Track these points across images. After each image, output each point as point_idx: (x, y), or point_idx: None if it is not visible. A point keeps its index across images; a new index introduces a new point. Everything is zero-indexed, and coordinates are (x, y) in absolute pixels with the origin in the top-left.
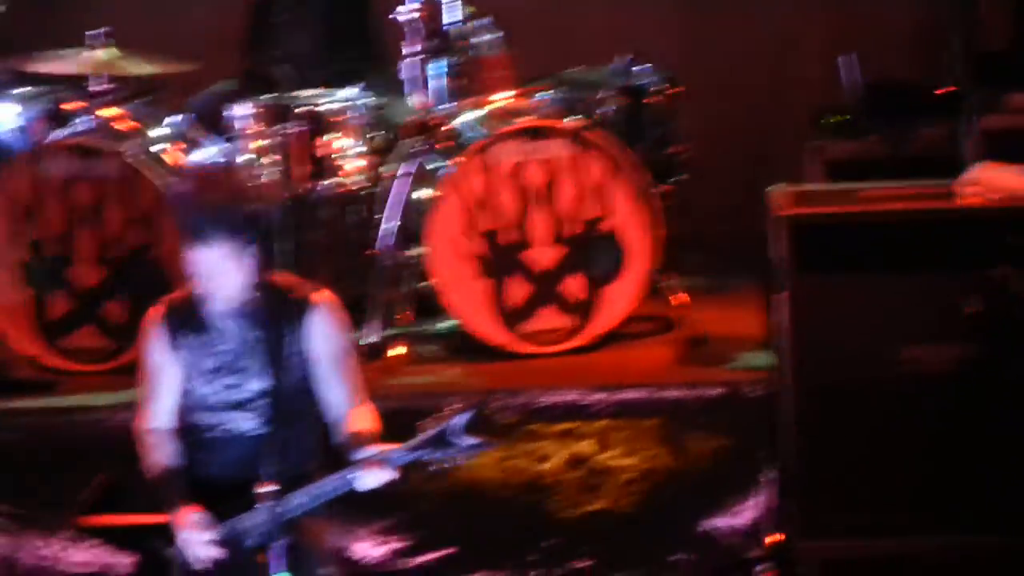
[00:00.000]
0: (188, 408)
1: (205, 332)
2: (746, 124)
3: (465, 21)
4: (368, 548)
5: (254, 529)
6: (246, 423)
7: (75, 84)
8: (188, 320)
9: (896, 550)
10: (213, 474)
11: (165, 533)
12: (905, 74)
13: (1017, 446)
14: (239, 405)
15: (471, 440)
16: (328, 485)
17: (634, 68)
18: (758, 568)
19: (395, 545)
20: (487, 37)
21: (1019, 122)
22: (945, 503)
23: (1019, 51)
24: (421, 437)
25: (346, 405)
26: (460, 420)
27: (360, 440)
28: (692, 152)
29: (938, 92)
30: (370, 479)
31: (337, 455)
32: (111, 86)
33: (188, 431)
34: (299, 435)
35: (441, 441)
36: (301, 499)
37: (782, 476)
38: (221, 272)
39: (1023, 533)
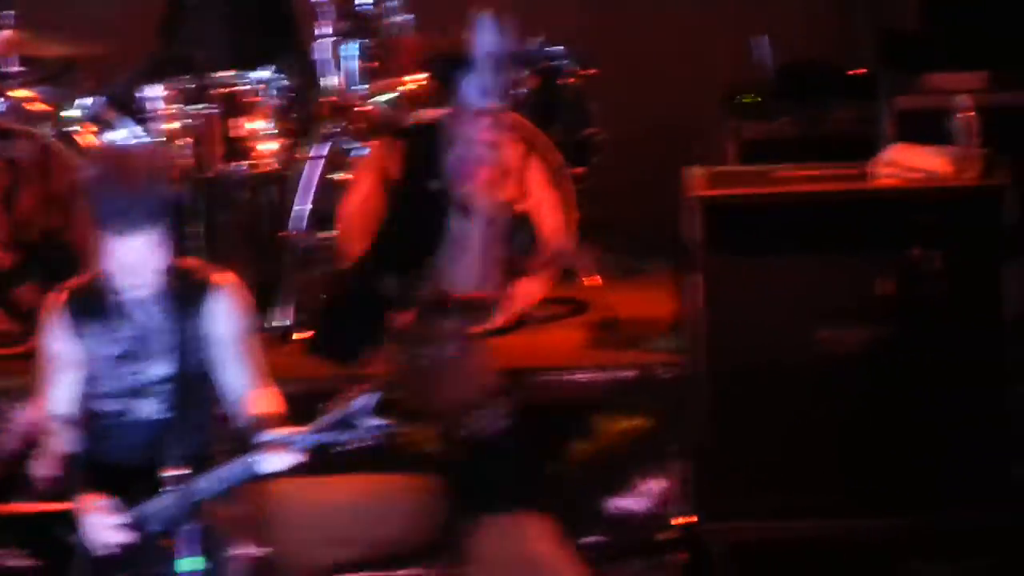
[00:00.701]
0: (91, 394)
1: (108, 318)
2: (659, 106)
3: (376, 3)
4: None
5: (160, 514)
6: (149, 408)
7: None
8: (91, 306)
9: (807, 532)
10: (117, 460)
11: (67, 520)
12: (818, 55)
13: (928, 427)
14: (142, 391)
15: (376, 422)
16: (233, 469)
17: (547, 50)
18: (669, 549)
19: None
20: (398, 19)
21: (932, 102)
22: (856, 485)
23: (929, 31)
24: (325, 419)
25: (248, 388)
26: (364, 402)
27: (263, 423)
28: (605, 134)
29: (850, 73)
30: (275, 462)
31: (241, 438)
32: (22, 68)
33: (91, 417)
34: (202, 418)
35: (346, 423)
36: (206, 483)
37: (694, 458)
38: (138, 261)
39: (934, 514)
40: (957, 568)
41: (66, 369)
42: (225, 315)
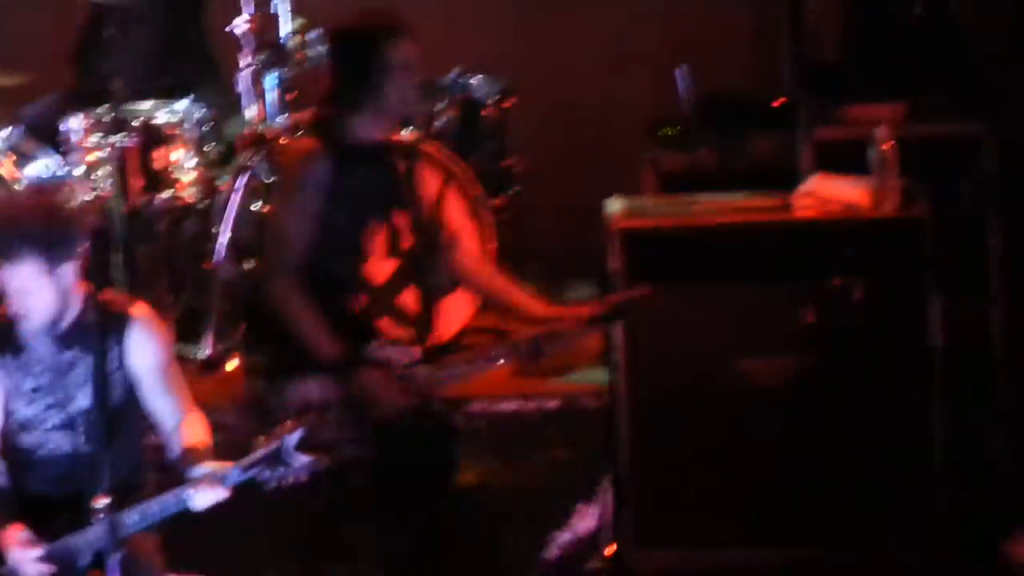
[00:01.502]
0: (10, 429)
1: (22, 353)
2: (580, 136)
3: (295, 33)
4: None
5: (87, 546)
6: (70, 441)
7: None
8: (5, 341)
9: (730, 561)
10: (40, 492)
11: None
12: (741, 85)
13: (851, 458)
14: (62, 425)
15: (304, 458)
16: (162, 503)
17: (466, 80)
18: None
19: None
20: (319, 49)
21: (852, 133)
22: (779, 515)
23: (849, 62)
24: (255, 455)
25: (176, 416)
26: (293, 438)
27: (194, 456)
28: (526, 164)
29: (771, 104)
30: (204, 498)
31: (171, 469)
32: None
33: (11, 451)
34: (126, 451)
35: (275, 459)
36: (135, 517)
37: (618, 487)
38: (30, 291)
39: (855, 546)
40: None
41: None
42: (144, 346)
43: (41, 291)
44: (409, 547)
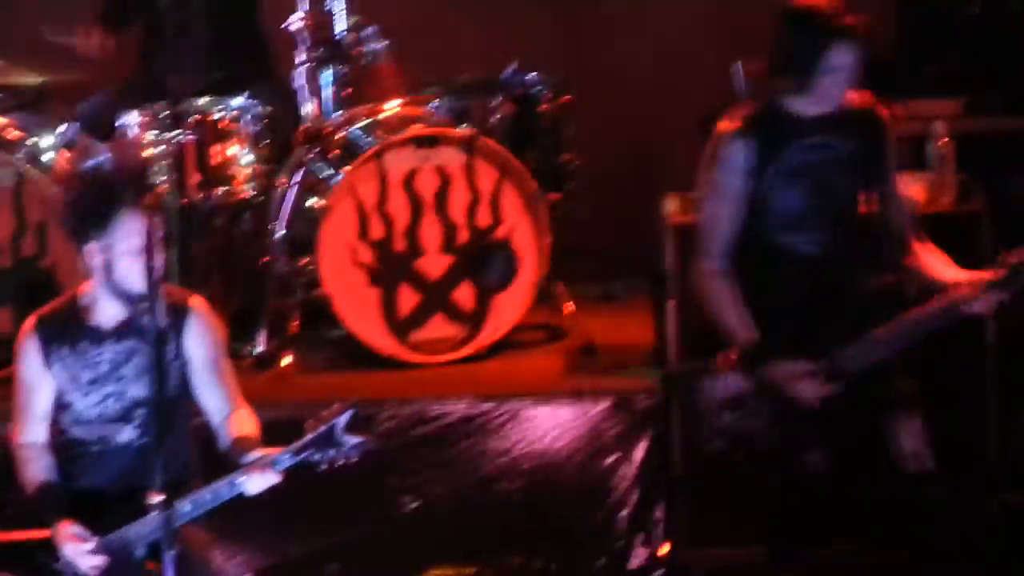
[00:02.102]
0: (66, 421)
1: (81, 343)
2: (635, 132)
3: (350, 30)
4: (254, 561)
5: (141, 538)
6: (126, 433)
7: None
8: (64, 331)
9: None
10: (95, 485)
11: (50, 548)
12: None
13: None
14: (118, 416)
15: (354, 439)
16: (215, 491)
17: (523, 76)
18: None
19: (283, 556)
20: (375, 46)
21: (909, 130)
22: (835, 511)
23: (905, 59)
24: (306, 439)
25: (226, 409)
26: (342, 419)
27: (244, 445)
28: (581, 160)
29: None
30: (256, 483)
31: (222, 461)
32: (0, 95)
33: (67, 444)
34: (179, 443)
35: (326, 441)
36: (188, 506)
37: (671, 484)
38: (153, 245)
39: (906, 544)
40: None
41: (38, 397)
42: (201, 338)
43: (159, 244)
44: None
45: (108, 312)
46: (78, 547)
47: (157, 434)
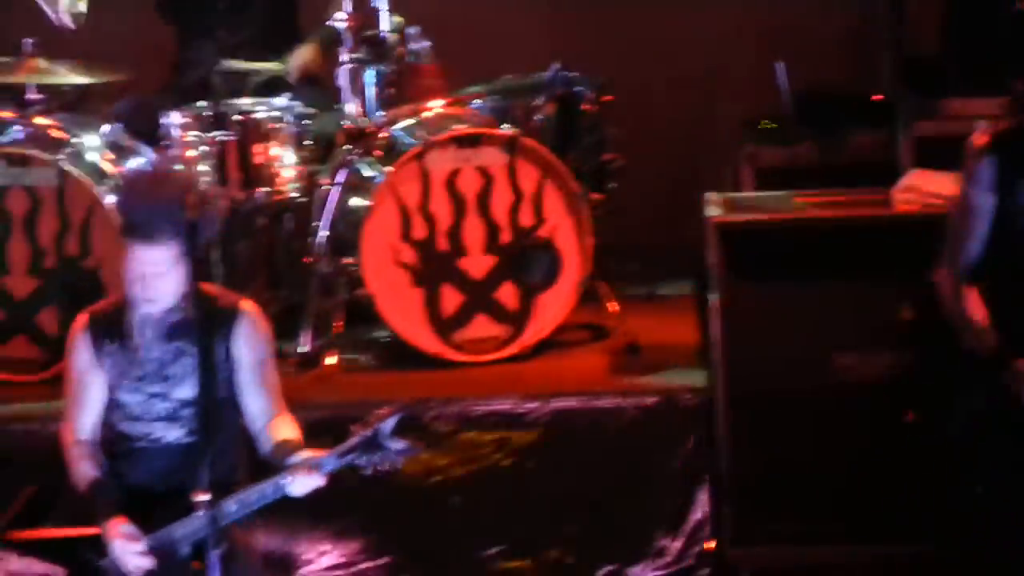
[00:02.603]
0: (114, 418)
1: (131, 341)
2: (678, 132)
3: (394, 30)
4: (308, 556)
5: (188, 537)
6: (172, 432)
7: (9, 92)
8: (113, 329)
9: (829, 558)
10: (143, 483)
11: (96, 545)
12: (838, 80)
13: (948, 455)
14: (166, 414)
15: (400, 444)
16: (260, 491)
17: (565, 76)
18: (696, 574)
19: (334, 555)
20: (418, 45)
21: (952, 128)
22: (876, 512)
23: (948, 57)
24: (351, 442)
25: (268, 414)
26: (389, 423)
27: (288, 448)
28: (623, 160)
29: (869, 99)
30: (301, 485)
31: (265, 464)
32: (41, 95)
33: (115, 441)
34: (226, 444)
35: (371, 445)
36: (233, 506)
37: (716, 484)
38: (163, 274)
39: (954, 542)
40: None
41: (89, 393)
42: (249, 342)
43: (172, 275)
44: None
45: (159, 312)
46: (128, 546)
47: (204, 435)
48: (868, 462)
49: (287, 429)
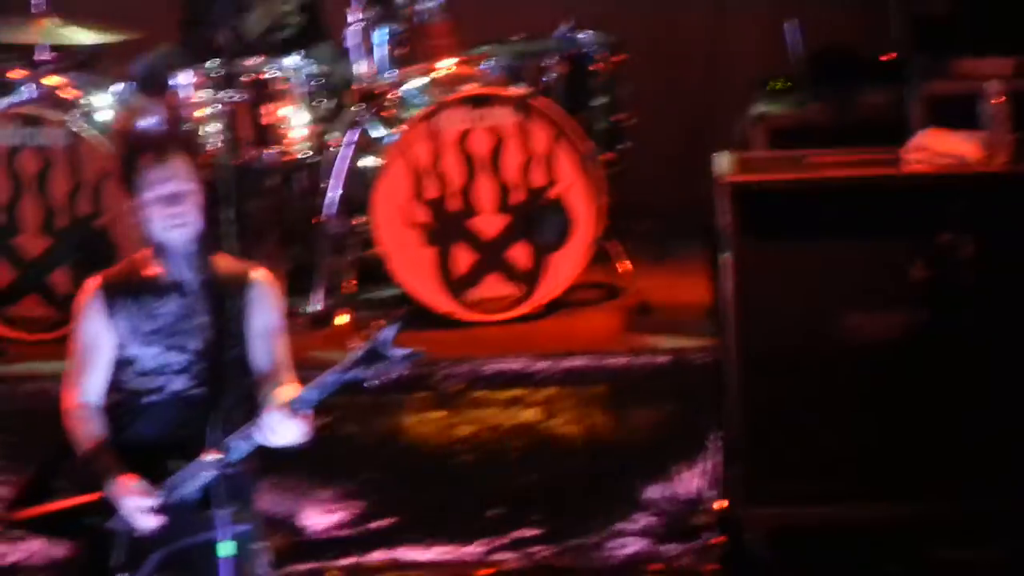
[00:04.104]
0: (123, 376)
1: (144, 296)
2: (690, 91)
3: None
4: (314, 517)
5: (195, 482)
6: (181, 383)
7: (19, 53)
8: (127, 286)
9: (841, 517)
10: (150, 439)
11: (102, 508)
12: (849, 40)
13: (960, 412)
14: (178, 370)
15: (402, 351)
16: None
17: (576, 35)
18: (705, 535)
19: (341, 514)
20: (429, 4)
21: (963, 87)
22: (889, 470)
23: (960, 16)
24: (351, 357)
25: (276, 379)
26: (388, 333)
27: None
28: (635, 119)
29: (881, 58)
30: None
31: None
32: (53, 55)
33: (122, 401)
34: (234, 405)
35: (373, 357)
36: (240, 444)
37: (727, 443)
38: (181, 193)
39: (962, 500)
40: (984, 553)
41: (98, 355)
42: (262, 308)
43: (191, 198)
44: None
45: (170, 268)
46: (139, 501)
47: (213, 389)
48: (878, 421)
49: (290, 392)
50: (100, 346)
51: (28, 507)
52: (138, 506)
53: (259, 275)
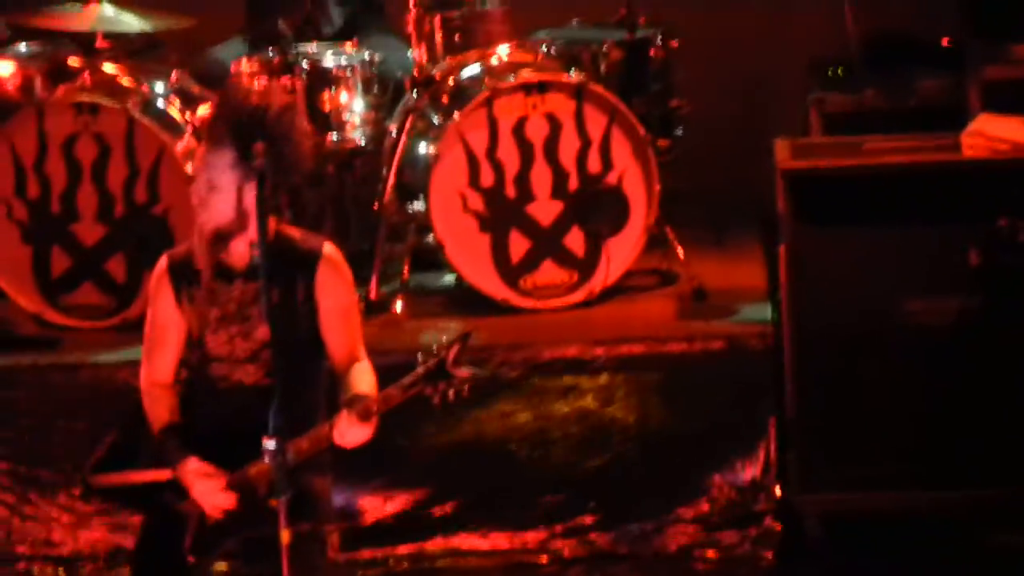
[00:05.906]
0: (195, 360)
1: (212, 282)
2: (746, 77)
3: None
4: (374, 504)
5: (265, 476)
6: (252, 373)
7: (78, 40)
8: (193, 271)
9: (896, 503)
10: (221, 426)
11: (176, 488)
12: (906, 25)
13: (1016, 398)
14: (245, 356)
15: (465, 371)
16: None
17: (633, 21)
18: (762, 520)
19: (401, 501)
20: None
21: (1021, 73)
22: (945, 456)
23: (1017, 1)
24: (416, 373)
25: (349, 360)
26: (453, 352)
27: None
28: (691, 105)
29: (937, 43)
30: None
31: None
32: (109, 42)
33: (195, 383)
34: (303, 388)
35: (437, 375)
36: (306, 444)
37: (783, 429)
38: (219, 184)
39: (1018, 486)
40: None
41: (170, 336)
42: (332, 286)
43: (226, 189)
44: None
45: (238, 252)
46: (209, 484)
47: (276, 376)
48: (935, 407)
49: (364, 379)
50: (168, 326)
51: (107, 472)
52: (207, 487)
53: (328, 250)
